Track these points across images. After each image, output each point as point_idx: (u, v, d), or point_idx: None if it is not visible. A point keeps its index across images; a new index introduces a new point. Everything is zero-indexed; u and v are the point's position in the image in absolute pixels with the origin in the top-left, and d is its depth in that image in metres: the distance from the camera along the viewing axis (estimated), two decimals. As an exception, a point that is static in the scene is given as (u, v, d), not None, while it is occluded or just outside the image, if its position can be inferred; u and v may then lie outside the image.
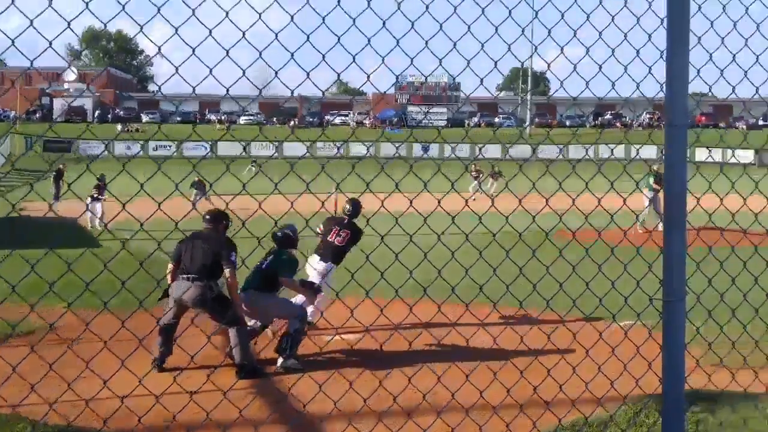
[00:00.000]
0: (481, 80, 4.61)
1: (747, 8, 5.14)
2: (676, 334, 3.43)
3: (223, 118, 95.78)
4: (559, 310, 8.70)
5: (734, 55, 4.98)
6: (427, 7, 4.29)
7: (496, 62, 4.56)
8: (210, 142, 64.95)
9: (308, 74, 4.26)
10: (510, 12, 4.58)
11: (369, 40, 4.14)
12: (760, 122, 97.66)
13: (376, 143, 73.90)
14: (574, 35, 4.60)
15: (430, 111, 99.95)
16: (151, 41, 4.00)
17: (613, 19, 4.55)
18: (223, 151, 66.48)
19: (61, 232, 21.34)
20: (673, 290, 3.43)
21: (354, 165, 4.48)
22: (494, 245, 5.23)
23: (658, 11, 3.96)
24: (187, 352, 6.61)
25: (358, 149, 69.65)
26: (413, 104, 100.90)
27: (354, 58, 4.23)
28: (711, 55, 4.79)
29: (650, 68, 4.39)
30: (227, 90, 3.99)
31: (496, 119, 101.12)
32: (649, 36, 4.39)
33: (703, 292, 5.35)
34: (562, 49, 4.77)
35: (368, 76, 4.45)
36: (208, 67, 3.85)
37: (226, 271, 9.70)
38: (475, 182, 31.09)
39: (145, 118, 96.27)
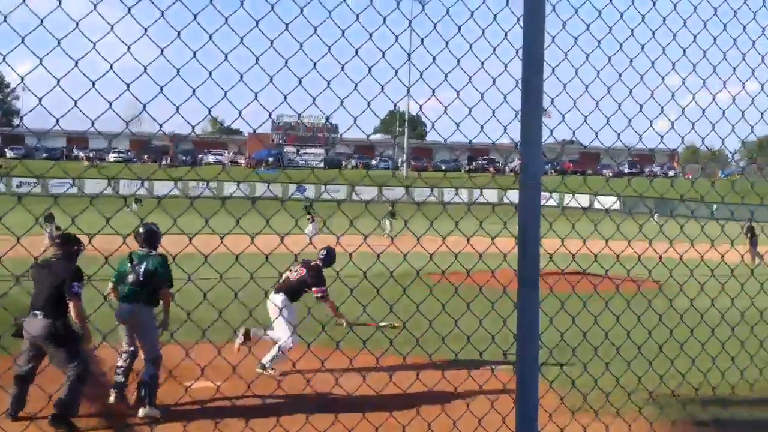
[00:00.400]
0: (354, 120, 4.61)
1: (609, 58, 5.34)
2: (529, 395, 3.39)
3: (91, 155, 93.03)
4: (429, 349, 8.77)
5: (597, 102, 5.16)
6: (301, 45, 4.27)
7: (369, 102, 4.57)
8: (74, 178, 62.82)
9: (177, 108, 4.16)
10: (383, 53, 4.61)
11: (242, 76, 4.09)
12: (626, 170, 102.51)
13: (251, 183, 73.37)
14: (445, 79, 4.66)
15: (307, 152, 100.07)
16: (15, 71, 3.82)
17: (483, 65, 4.65)
18: (90, 189, 64.51)
19: None
20: (526, 349, 3.42)
21: (224, 202, 4.39)
22: (368, 284, 5.22)
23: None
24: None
25: (230, 189, 68.86)
26: (289, 144, 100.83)
27: (225, 94, 4.16)
28: (575, 101, 4.97)
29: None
30: (92, 122, 3.85)
31: (373, 161, 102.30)
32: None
33: (560, 340, 5.48)
34: (433, 91, 4.83)
35: (239, 113, 4.38)
36: (72, 99, 3.70)
37: (70, 304, 8.83)
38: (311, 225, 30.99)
39: (9, 153, 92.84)
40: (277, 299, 11.49)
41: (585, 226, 5.65)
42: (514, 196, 3.55)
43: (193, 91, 4.03)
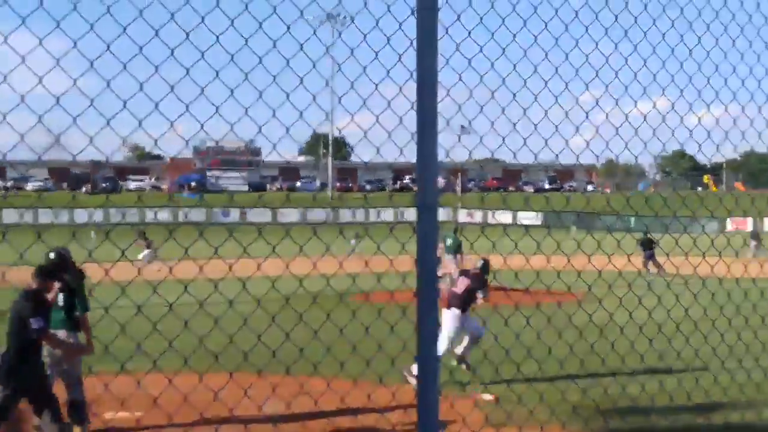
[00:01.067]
0: (274, 146, 4.58)
1: (525, 81, 5.45)
2: (429, 418, 3.36)
3: (9, 184, 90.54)
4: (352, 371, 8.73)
5: (514, 124, 5.22)
6: (217, 73, 4.23)
7: (288, 128, 4.54)
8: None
9: (91, 139, 4.08)
10: (302, 79, 4.60)
11: (157, 105, 4.03)
12: (546, 186, 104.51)
13: (177, 208, 72.36)
14: (364, 104, 4.65)
15: (230, 176, 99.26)
16: None
17: (401, 90, 4.68)
18: (7, 219, 62.85)
19: None
20: (426, 372, 3.39)
21: (144, 230, 4.33)
22: (290, 308, 5.19)
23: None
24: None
25: (151, 215, 67.92)
26: (212, 168, 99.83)
27: (140, 123, 4.09)
28: (492, 122, 5.04)
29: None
30: (4, 155, 3.76)
31: (298, 183, 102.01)
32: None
33: (483, 358, 5.54)
34: (352, 116, 4.83)
35: (155, 141, 4.33)
36: None
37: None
38: None
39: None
40: (451, 314, 12.01)
41: (506, 243, 5.73)
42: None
43: (108, 121, 3.95)
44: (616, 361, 7.16)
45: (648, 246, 27.94)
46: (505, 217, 63.23)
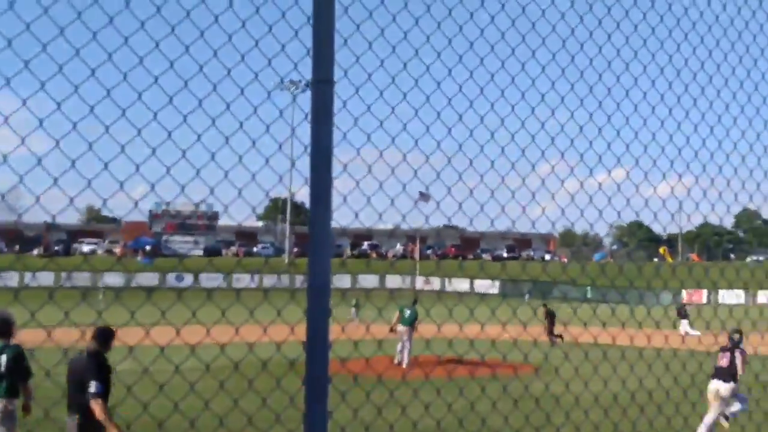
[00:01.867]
0: (226, 208, 4.50)
1: (482, 147, 5.43)
2: None
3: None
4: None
5: (471, 191, 5.20)
6: (169, 134, 4.15)
7: (240, 190, 4.46)
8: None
9: (38, 198, 3.96)
10: (254, 142, 4.52)
11: (106, 165, 3.92)
12: (504, 254, 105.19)
13: (131, 273, 71.39)
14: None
15: (185, 240, 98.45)
16: None
17: (359, 152, 4.64)
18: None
19: None
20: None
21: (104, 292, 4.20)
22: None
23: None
24: None
25: (112, 279, 67.02)
26: (168, 232, 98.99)
27: (89, 182, 3.98)
28: (450, 191, 5.03)
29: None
30: None
31: (255, 248, 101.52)
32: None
33: None
34: (306, 180, 4.77)
35: (104, 201, 4.22)
36: None
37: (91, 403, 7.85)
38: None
39: None
40: (726, 386, 12.98)
41: (462, 311, 5.67)
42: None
43: (55, 180, 3.84)
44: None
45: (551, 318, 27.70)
46: (462, 284, 63.37)
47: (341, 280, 65.78)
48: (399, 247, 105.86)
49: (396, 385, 6.04)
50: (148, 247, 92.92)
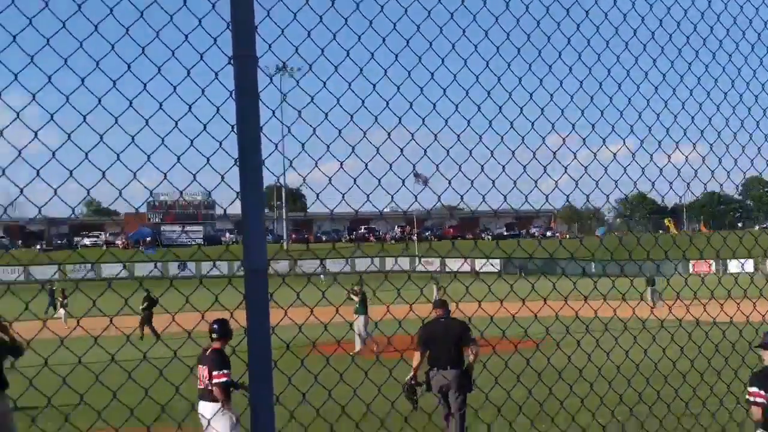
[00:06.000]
0: (225, 211, 4.44)
1: (490, 122, 5.37)
2: None
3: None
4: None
5: (472, 182, 5.11)
6: (176, 123, 4.05)
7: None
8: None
9: (55, 191, 3.91)
10: (261, 128, 4.39)
11: (118, 156, 3.84)
12: (504, 233, 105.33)
13: (130, 263, 71.52)
14: (327, 150, 4.53)
15: (186, 230, 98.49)
16: None
17: (360, 141, 4.60)
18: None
19: None
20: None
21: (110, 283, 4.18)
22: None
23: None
24: None
25: (111, 270, 67.17)
26: (167, 223, 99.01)
27: (104, 174, 3.89)
28: (453, 179, 4.98)
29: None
30: None
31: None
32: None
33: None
34: (316, 163, 4.66)
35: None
36: None
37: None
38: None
39: None
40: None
41: (461, 289, 5.65)
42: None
43: (71, 173, 3.76)
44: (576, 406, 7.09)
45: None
46: (461, 265, 63.25)
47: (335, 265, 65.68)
48: (397, 229, 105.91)
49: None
50: (148, 238, 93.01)
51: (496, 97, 5.13)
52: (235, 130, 3.21)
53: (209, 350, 9.86)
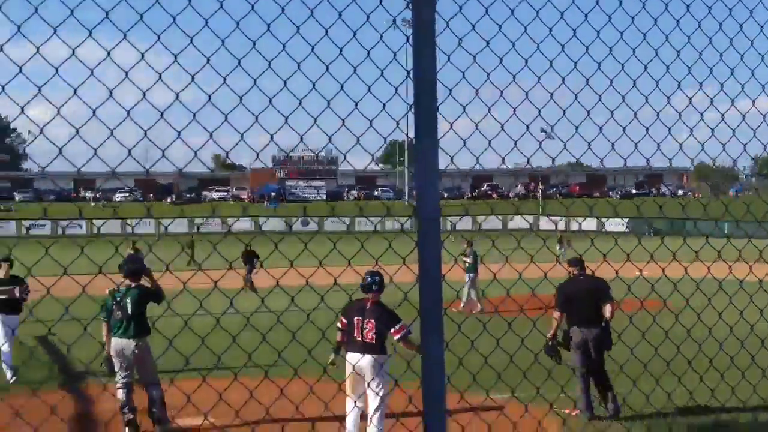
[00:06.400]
0: (344, 156, 4.48)
1: (611, 81, 5.20)
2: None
3: (98, 195, 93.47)
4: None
5: (600, 128, 4.95)
6: (314, 85, 4.10)
7: (358, 138, 4.33)
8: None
9: (195, 153, 4.03)
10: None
11: (257, 118, 3.93)
12: (633, 191, 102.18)
13: (257, 218, 73.62)
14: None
15: (309, 185, 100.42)
16: (32, 121, 3.68)
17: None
18: (105, 228, 65.39)
19: None
20: (432, 395, 3.07)
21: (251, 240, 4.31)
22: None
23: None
24: None
25: (240, 225, 69.25)
26: (291, 179, 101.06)
27: (242, 136, 3.99)
28: (577, 128, 4.85)
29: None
30: (113, 171, 3.75)
31: (375, 192, 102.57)
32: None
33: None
34: (451, 124, 4.61)
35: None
36: (93, 148, 3.60)
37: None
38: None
39: (18, 197, 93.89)
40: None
41: (593, 252, 5.56)
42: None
43: (210, 134, 3.88)
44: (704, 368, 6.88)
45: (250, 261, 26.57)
46: (589, 224, 62.11)
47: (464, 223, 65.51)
48: (520, 187, 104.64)
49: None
50: (273, 194, 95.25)
51: (618, 54, 4.95)
52: (411, 75, 3.14)
53: (369, 303, 9.56)
